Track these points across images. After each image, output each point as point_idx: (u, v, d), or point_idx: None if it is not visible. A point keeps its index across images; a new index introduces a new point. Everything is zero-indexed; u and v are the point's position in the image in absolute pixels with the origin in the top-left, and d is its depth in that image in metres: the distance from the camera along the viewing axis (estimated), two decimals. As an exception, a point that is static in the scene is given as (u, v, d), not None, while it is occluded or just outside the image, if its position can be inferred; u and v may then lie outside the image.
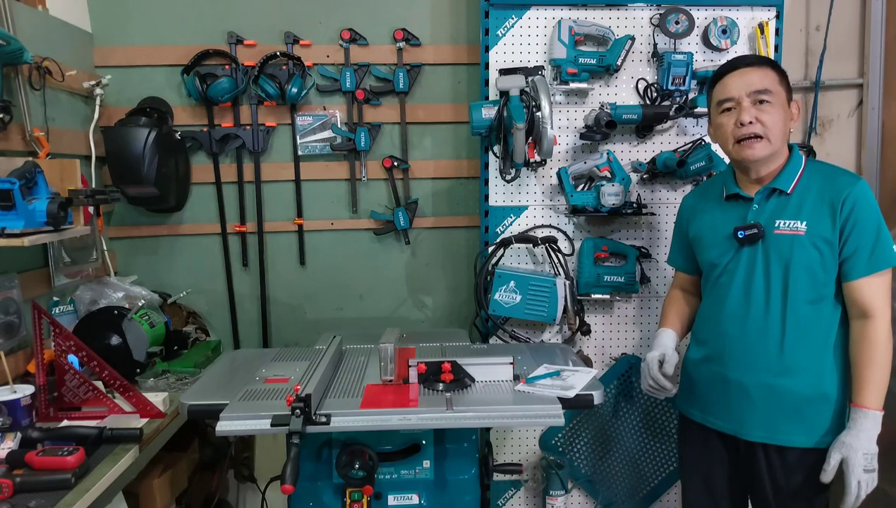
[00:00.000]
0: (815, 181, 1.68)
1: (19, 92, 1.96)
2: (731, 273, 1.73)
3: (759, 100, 1.64)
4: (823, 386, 1.67)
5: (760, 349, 1.68)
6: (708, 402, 1.81)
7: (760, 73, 1.66)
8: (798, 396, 1.67)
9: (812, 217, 1.64)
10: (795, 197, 1.68)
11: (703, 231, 1.83)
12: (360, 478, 1.64)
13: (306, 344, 2.47)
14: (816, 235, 1.63)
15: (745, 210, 1.73)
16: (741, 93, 1.66)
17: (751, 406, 1.71)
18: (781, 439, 1.69)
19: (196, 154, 2.56)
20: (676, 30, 2.30)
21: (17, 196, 1.70)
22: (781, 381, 1.67)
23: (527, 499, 2.57)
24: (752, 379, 1.70)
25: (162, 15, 2.49)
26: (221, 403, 1.58)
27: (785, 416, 1.68)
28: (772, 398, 1.68)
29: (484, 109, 2.22)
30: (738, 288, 1.72)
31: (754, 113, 1.64)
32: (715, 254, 1.78)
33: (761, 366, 1.69)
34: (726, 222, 1.75)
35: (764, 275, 1.68)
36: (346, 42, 2.51)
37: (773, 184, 1.70)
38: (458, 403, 1.61)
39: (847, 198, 1.61)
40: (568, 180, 2.33)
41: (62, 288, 2.18)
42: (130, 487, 1.79)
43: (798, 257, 1.64)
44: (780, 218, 1.67)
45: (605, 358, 2.50)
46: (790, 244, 1.65)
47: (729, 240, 1.74)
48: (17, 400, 1.69)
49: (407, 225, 2.59)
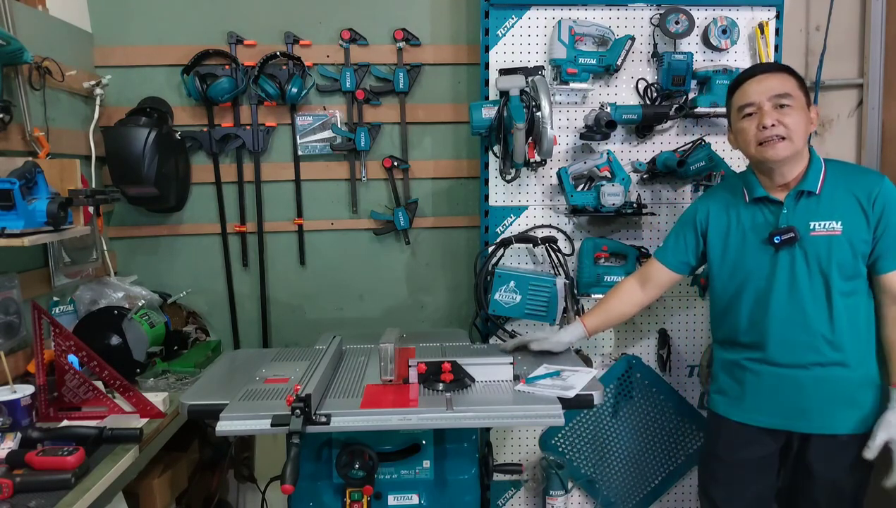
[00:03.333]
0: (840, 180, 1.72)
1: (19, 92, 1.96)
2: (769, 277, 1.75)
3: (780, 104, 1.68)
4: (870, 371, 1.75)
5: (811, 345, 1.73)
6: (757, 402, 1.82)
7: (780, 78, 1.70)
8: (851, 383, 1.73)
9: (846, 216, 1.69)
10: (825, 197, 1.71)
11: (731, 235, 1.82)
12: (360, 478, 1.64)
13: (306, 344, 2.47)
14: (852, 233, 1.69)
15: (774, 214, 1.75)
16: (762, 98, 1.69)
17: (806, 399, 1.75)
18: (837, 427, 1.74)
19: (196, 154, 2.56)
20: (676, 30, 2.30)
21: (17, 196, 1.70)
22: (835, 371, 1.73)
23: (527, 499, 2.56)
24: (806, 374, 1.74)
25: (162, 15, 2.49)
26: (221, 403, 1.58)
27: (840, 405, 1.73)
28: (827, 388, 1.73)
29: (484, 109, 2.22)
30: (782, 291, 1.74)
31: (776, 116, 1.68)
32: (750, 260, 1.79)
33: (814, 360, 1.73)
34: (758, 226, 1.77)
35: (807, 277, 1.71)
36: (346, 42, 2.51)
37: (800, 186, 1.72)
38: (458, 403, 1.61)
39: (878, 196, 1.68)
40: (568, 180, 2.32)
41: (62, 288, 2.18)
42: (130, 487, 1.78)
43: (836, 256, 1.69)
44: (813, 219, 1.71)
45: (605, 358, 2.50)
46: (828, 244, 1.70)
47: (764, 245, 1.76)
48: (17, 400, 1.70)
49: (407, 225, 2.58)
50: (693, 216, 1.93)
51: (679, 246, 1.96)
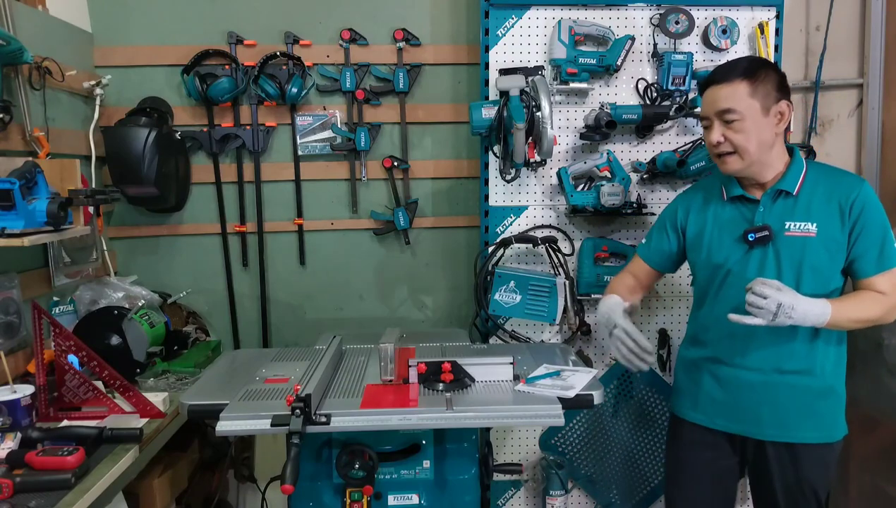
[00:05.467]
0: (820, 182, 1.70)
1: (19, 92, 1.96)
2: (740, 275, 1.72)
3: (725, 120, 1.65)
4: (833, 381, 1.72)
5: (774, 348, 1.69)
6: (716, 404, 1.80)
7: (728, 89, 1.64)
8: (811, 392, 1.70)
9: (822, 218, 1.66)
10: (802, 198, 1.69)
11: (707, 232, 1.81)
12: (360, 478, 1.64)
13: (306, 344, 2.47)
14: (827, 236, 1.66)
15: (750, 212, 1.73)
16: (710, 112, 1.68)
17: (764, 405, 1.72)
18: (794, 436, 1.71)
19: (196, 154, 2.56)
20: (676, 30, 2.30)
21: (17, 196, 1.70)
22: (795, 379, 1.70)
23: (527, 499, 2.56)
24: (765, 379, 1.71)
25: (162, 15, 2.49)
26: (221, 403, 1.58)
27: (798, 413, 1.71)
28: (786, 396, 1.70)
29: (484, 109, 2.22)
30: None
31: (721, 131, 1.66)
32: (723, 257, 1.76)
33: (775, 365, 1.70)
34: (733, 224, 1.75)
35: (777, 276, 1.67)
36: (346, 42, 2.51)
37: (778, 185, 1.70)
38: (458, 403, 1.61)
39: (856, 200, 1.64)
40: (568, 180, 2.32)
41: (62, 288, 2.18)
42: (130, 487, 1.79)
43: (809, 257, 1.66)
44: (789, 219, 1.68)
45: (605, 358, 2.50)
46: (802, 245, 1.67)
47: (738, 243, 1.73)
48: (17, 400, 1.70)
49: (407, 225, 2.58)
50: (673, 213, 1.91)
51: (659, 241, 1.93)
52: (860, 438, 2.26)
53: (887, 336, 2.06)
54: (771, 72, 1.66)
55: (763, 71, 1.65)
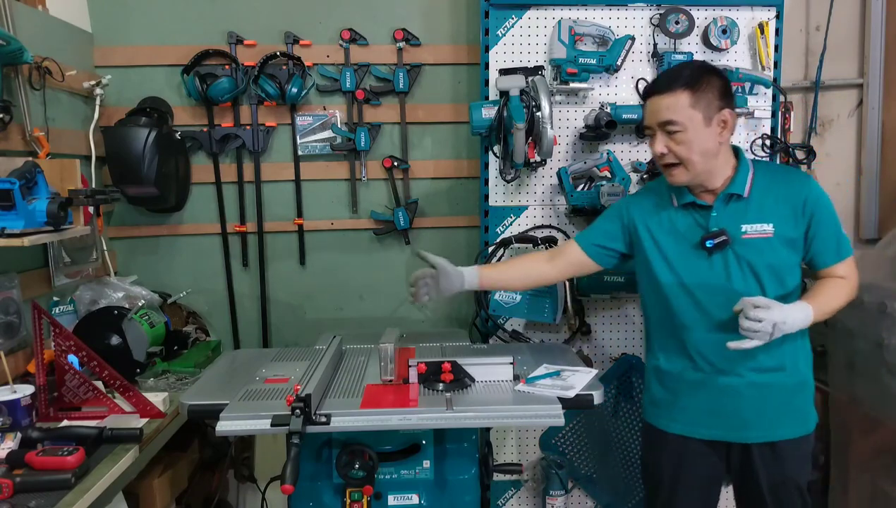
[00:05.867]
0: (769, 182, 1.71)
1: (19, 92, 1.96)
2: (705, 281, 1.70)
3: (668, 131, 1.63)
4: (804, 375, 1.76)
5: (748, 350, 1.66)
6: (694, 412, 1.77)
7: (669, 99, 1.61)
8: (788, 388, 1.72)
9: (776, 217, 1.67)
10: (754, 199, 1.69)
11: (662, 241, 1.76)
12: (360, 478, 1.64)
13: (306, 344, 2.47)
14: (783, 235, 1.67)
15: (704, 218, 1.71)
16: (652, 122, 1.66)
17: (745, 407, 1.72)
18: (777, 434, 1.72)
19: (196, 154, 2.55)
20: (676, 30, 2.30)
21: (17, 196, 1.70)
22: (772, 377, 1.71)
23: (527, 499, 2.56)
24: (743, 381, 1.71)
25: (162, 15, 2.49)
26: (221, 403, 1.58)
27: (779, 411, 1.72)
28: (765, 395, 1.71)
29: (484, 109, 2.22)
30: (717, 295, 1.68)
31: (665, 142, 1.64)
32: (683, 266, 1.73)
33: (751, 367, 1.70)
34: (688, 231, 1.72)
35: (741, 280, 1.67)
36: (346, 42, 2.51)
37: (728, 189, 1.69)
38: (458, 403, 1.61)
39: (807, 198, 1.67)
40: (568, 180, 2.32)
41: (62, 288, 2.18)
42: (130, 487, 1.79)
43: (769, 258, 1.67)
44: (744, 222, 1.68)
45: (605, 358, 2.50)
46: (760, 246, 1.67)
47: (695, 250, 1.71)
48: (17, 400, 1.70)
49: (407, 225, 2.58)
50: (620, 211, 1.85)
51: (602, 232, 1.86)
52: (860, 438, 2.26)
53: (887, 336, 2.06)
54: (714, 79, 1.63)
55: (705, 79, 1.62)
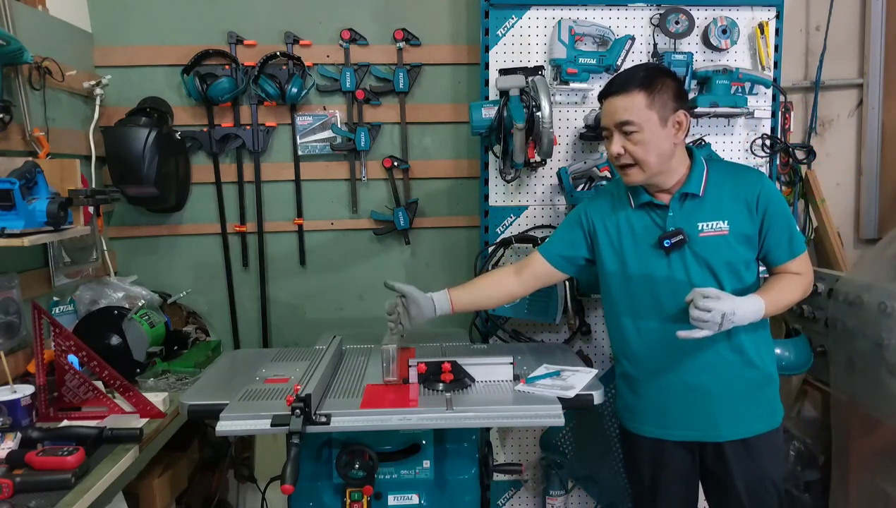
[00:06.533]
0: (723, 180, 1.71)
1: (19, 92, 1.96)
2: (663, 282, 1.70)
3: (624, 131, 1.63)
4: (771, 368, 1.78)
5: (713, 349, 1.69)
6: (666, 415, 1.77)
7: (625, 100, 1.62)
8: (753, 383, 1.74)
9: (731, 215, 1.68)
10: (709, 198, 1.70)
11: (620, 242, 1.76)
12: (360, 478, 1.64)
13: (306, 344, 2.47)
14: (739, 232, 1.68)
15: (661, 218, 1.71)
16: (609, 123, 1.66)
17: (716, 406, 1.72)
18: (748, 429, 1.73)
19: (196, 154, 2.56)
20: (676, 30, 2.30)
21: (17, 196, 1.70)
22: (739, 373, 1.72)
23: (527, 499, 2.56)
24: (711, 380, 1.72)
25: (162, 15, 2.49)
26: (221, 403, 1.58)
27: (748, 406, 1.73)
28: (734, 392, 1.72)
29: (484, 109, 2.22)
30: (679, 295, 1.66)
31: (621, 143, 1.64)
32: (642, 266, 1.73)
33: (718, 365, 1.71)
34: (646, 232, 1.73)
35: (700, 278, 1.68)
36: (346, 42, 2.51)
37: (683, 189, 1.70)
38: (458, 403, 1.61)
39: (760, 195, 1.68)
40: (568, 180, 2.32)
41: (62, 288, 2.18)
42: (130, 487, 1.79)
43: (726, 255, 1.68)
44: (700, 220, 1.68)
45: (605, 358, 2.50)
46: (717, 244, 1.68)
47: (654, 250, 1.71)
48: (17, 400, 1.70)
49: (407, 225, 2.58)
50: (580, 216, 1.83)
51: (564, 241, 1.85)
52: (860, 438, 2.26)
53: (887, 336, 2.06)
54: (668, 81, 1.64)
55: (660, 81, 1.63)
